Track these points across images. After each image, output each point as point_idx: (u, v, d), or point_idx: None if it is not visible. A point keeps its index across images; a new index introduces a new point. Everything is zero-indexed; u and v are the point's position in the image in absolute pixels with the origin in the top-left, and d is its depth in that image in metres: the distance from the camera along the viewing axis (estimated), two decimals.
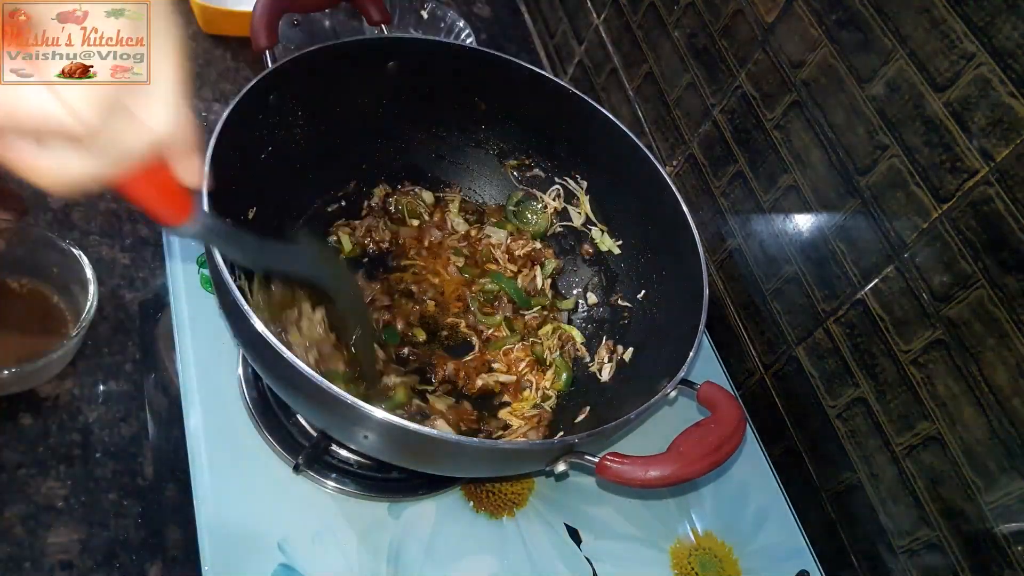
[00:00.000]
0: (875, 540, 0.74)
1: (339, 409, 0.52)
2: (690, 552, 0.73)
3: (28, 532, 0.61)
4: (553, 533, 0.70)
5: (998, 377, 0.61)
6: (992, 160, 0.59)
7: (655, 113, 0.99)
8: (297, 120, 0.73)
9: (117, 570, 0.61)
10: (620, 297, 0.82)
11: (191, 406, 0.66)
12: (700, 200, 0.93)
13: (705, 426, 0.58)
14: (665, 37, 0.95)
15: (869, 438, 0.73)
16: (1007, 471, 0.61)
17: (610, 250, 0.84)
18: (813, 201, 0.76)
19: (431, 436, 0.53)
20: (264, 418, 0.67)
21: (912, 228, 0.66)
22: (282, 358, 0.51)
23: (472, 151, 0.86)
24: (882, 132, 0.68)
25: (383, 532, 0.65)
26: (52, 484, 0.63)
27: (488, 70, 0.79)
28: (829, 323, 0.76)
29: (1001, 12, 0.58)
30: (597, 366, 0.78)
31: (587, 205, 0.85)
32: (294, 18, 1.04)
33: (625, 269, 0.82)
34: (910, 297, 0.67)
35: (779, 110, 0.79)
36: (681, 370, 0.61)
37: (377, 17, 0.78)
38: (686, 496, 0.77)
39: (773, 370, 0.85)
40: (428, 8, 1.07)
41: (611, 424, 0.57)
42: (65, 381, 0.71)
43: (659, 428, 0.72)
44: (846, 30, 0.71)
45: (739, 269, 0.88)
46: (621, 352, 0.78)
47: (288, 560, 0.61)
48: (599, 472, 0.56)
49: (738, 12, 0.83)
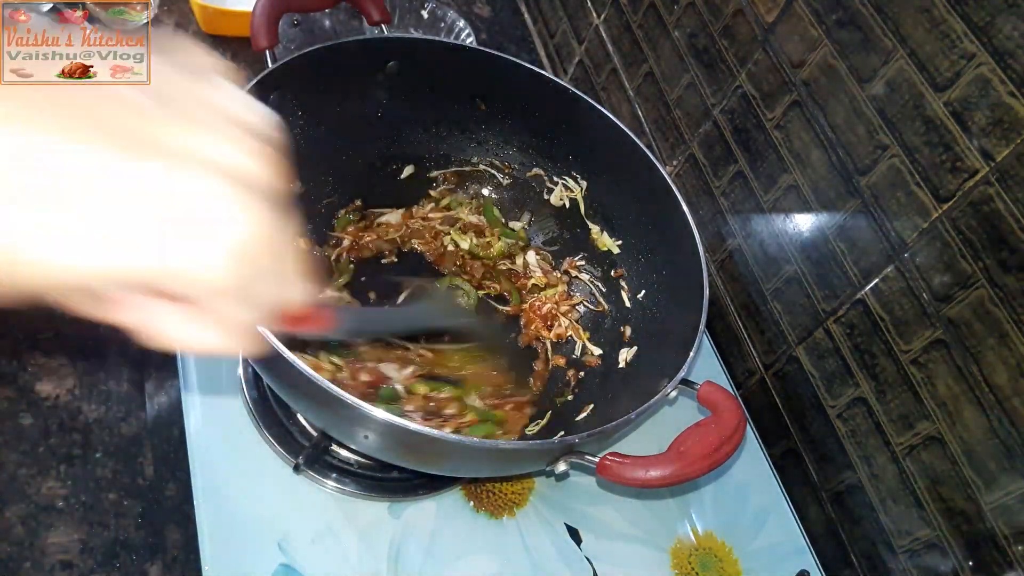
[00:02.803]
0: (875, 540, 0.74)
1: (339, 409, 0.52)
2: (690, 552, 0.73)
3: (28, 532, 0.61)
4: (553, 533, 0.70)
5: (998, 377, 0.61)
6: (992, 160, 0.59)
7: (655, 113, 0.99)
8: (297, 120, 0.73)
9: (117, 570, 0.61)
10: (622, 293, 0.82)
11: (191, 406, 0.66)
12: (700, 200, 0.93)
13: (705, 426, 0.58)
14: (665, 37, 0.95)
15: (869, 438, 0.73)
16: (1007, 471, 0.61)
17: (610, 250, 0.84)
18: (813, 201, 0.76)
19: (431, 436, 0.53)
20: (264, 418, 0.68)
21: (912, 228, 0.66)
22: (283, 359, 0.51)
23: (472, 151, 0.86)
24: (882, 132, 0.68)
25: (383, 532, 0.65)
26: (52, 484, 0.64)
27: (488, 70, 0.79)
28: (829, 323, 0.76)
29: (1001, 12, 0.58)
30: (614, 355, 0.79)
31: (583, 204, 0.85)
32: (294, 18, 1.04)
33: (625, 269, 0.82)
34: (910, 297, 0.67)
35: (779, 110, 0.79)
36: (681, 370, 0.61)
37: (377, 17, 0.78)
38: (686, 496, 0.77)
39: (773, 370, 0.85)
40: (428, 8, 1.07)
41: (611, 424, 0.57)
42: (65, 381, 0.71)
43: (659, 428, 0.72)
44: (846, 30, 0.71)
45: (739, 269, 0.88)
46: (628, 340, 0.78)
47: (288, 560, 0.61)
48: (599, 472, 0.56)
49: (738, 12, 0.83)
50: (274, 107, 0.69)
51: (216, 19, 0.98)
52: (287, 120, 0.72)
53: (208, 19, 0.98)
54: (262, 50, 0.69)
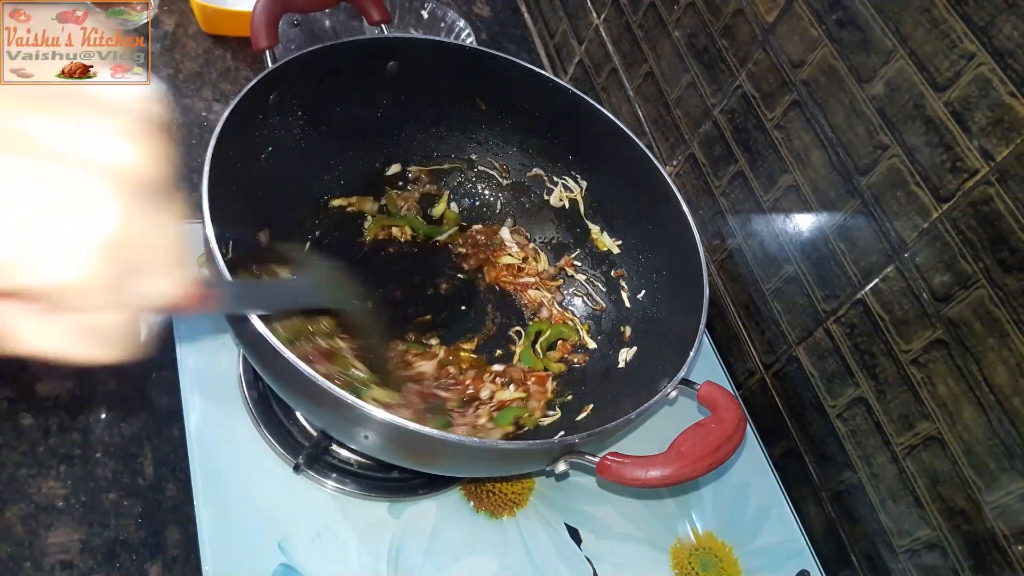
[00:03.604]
0: (875, 540, 0.74)
1: (339, 409, 0.52)
2: (690, 552, 0.73)
3: (28, 532, 0.61)
4: (553, 533, 0.70)
5: (998, 377, 0.61)
6: (992, 160, 0.59)
7: (655, 113, 0.99)
8: (297, 120, 0.73)
9: (117, 570, 0.61)
10: (622, 292, 0.82)
11: (191, 406, 0.66)
12: (700, 200, 0.93)
13: (705, 426, 0.58)
14: (665, 37, 0.95)
15: (869, 438, 0.73)
16: (1007, 471, 0.61)
17: (610, 250, 0.84)
18: (813, 201, 0.76)
19: (431, 436, 0.53)
20: (264, 418, 0.68)
21: (912, 228, 0.66)
22: (282, 358, 0.51)
23: (472, 150, 0.86)
24: (882, 132, 0.68)
25: (383, 532, 0.65)
26: (52, 484, 0.63)
27: (488, 70, 0.79)
28: (829, 323, 0.76)
29: (1001, 12, 0.58)
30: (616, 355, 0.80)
31: (582, 205, 0.85)
32: (294, 18, 1.04)
33: (625, 269, 0.82)
34: (910, 297, 0.67)
35: (779, 110, 0.79)
36: (681, 370, 0.61)
37: (377, 17, 0.78)
38: (686, 496, 0.77)
39: (773, 370, 0.85)
40: (428, 8, 1.07)
41: (611, 424, 0.57)
42: (65, 381, 0.71)
43: (659, 428, 0.72)
44: (846, 30, 0.71)
45: (739, 269, 0.88)
46: (628, 340, 0.78)
47: (288, 560, 0.61)
48: (600, 472, 0.56)
49: (738, 12, 0.83)
50: (274, 107, 0.69)
51: (216, 19, 0.98)
52: (287, 120, 0.72)
53: (208, 19, 0.98)
54: (262, 50, 0.69)
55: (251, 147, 0.68)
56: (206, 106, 0.93)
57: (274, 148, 0.71)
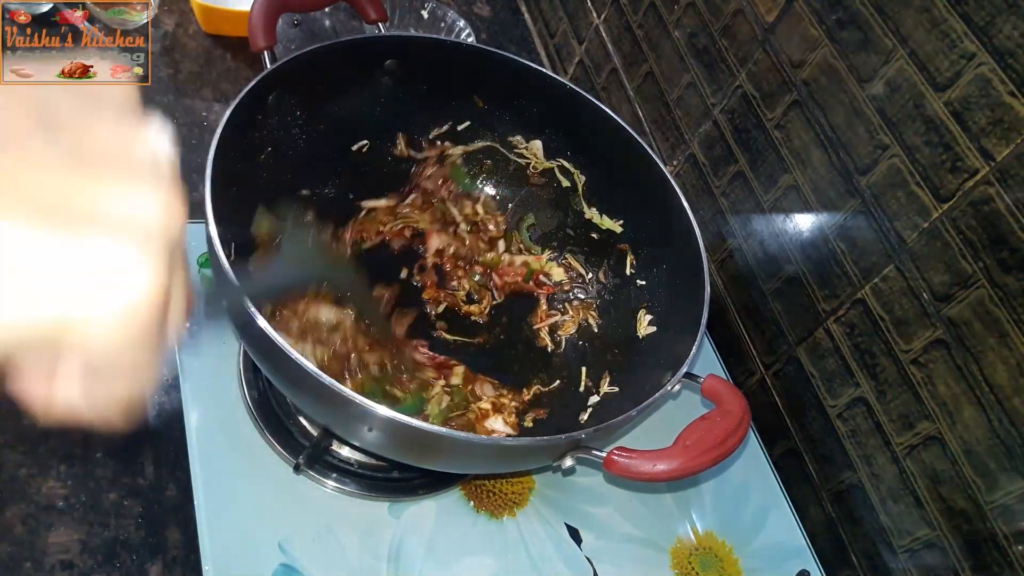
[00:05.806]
0: (875, 539, 0.74)
1: (341, 405, 0.52)
2: (690, 552, 0.73)
3: (28, 532, 0.61)
4: (554, 533, 0.70)
5: (998, 377, 0.61)
6: (992, 160, 0.59)
7: (655, 113, 0.99)
8: (297, 120, 0.73)
9: (117, 570, 0.61)
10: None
11: (191, 406, 0.66)
12: (700, 200, 0.93)
13: (710, 419, 0.58)
14: (665, 37, 0.95)
15: (869, 438, 0.73)
16: (1007, 471, 0.61)
17: (610, 228, 0.84)
18: (813, 201, 0.76)
19: (435, 432, 0.53)
20: (264, 418, 0.68)
21: (912, 228, 0.66)
22: (284, 354, 0.51)
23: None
24: (882, 132, 0.68)
25: (383, 532, 0.65)
26: (52, 484, 0.63)
27: (487, 67, 0.79)
28: (829, 323, 0.76)
29: (1001, 12, 0.58)
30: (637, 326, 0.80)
31: (582, 200, 0.85)
32: (294, 18, 1.04)
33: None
34: (910, 297, 0.67)
35: (779, 110, 0.79)
36: (685, 364, 0.61)
37: (374, 15, 0.78)
38: (686, 496, 0.77)
39: (773, 370, 0.85)
40: (428, 8, 1.07)
41: (617, 419, 0.57)
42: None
43: (664, 422, 0.72)
44: (846, 30, 0.71)
45: (739, 269, 0.88)
46: (646, 322, 0.78)
47: (289, 560, 0.61)
48: (607, 467, 0.56)
49: (738, 12, 0.83)
50: (274, 107, 0.69)
51: (216, 19, 0.98)
52: (287, 120, 0.72)
53: (208, 19, 0.98)
54: (260, 50, 0.69)
55: (251, 147, 0.68)
56: (206, 106, 0.93)
57: (274, 148, 0.71)
